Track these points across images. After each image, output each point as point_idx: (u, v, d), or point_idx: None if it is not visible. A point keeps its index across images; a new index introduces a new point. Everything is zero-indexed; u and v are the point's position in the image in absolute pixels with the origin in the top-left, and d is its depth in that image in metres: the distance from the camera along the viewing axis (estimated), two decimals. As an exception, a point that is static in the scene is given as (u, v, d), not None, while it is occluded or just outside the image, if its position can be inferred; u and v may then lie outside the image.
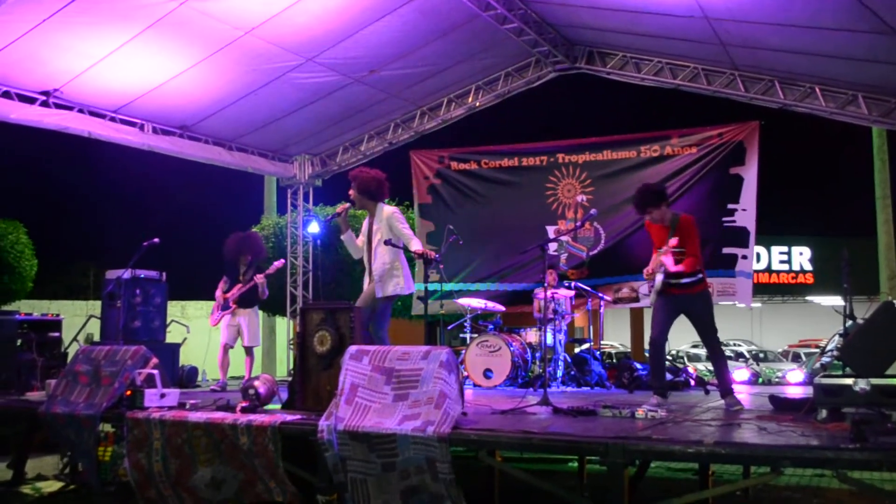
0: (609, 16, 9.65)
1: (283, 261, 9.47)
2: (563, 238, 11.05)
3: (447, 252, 9.97)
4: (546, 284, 8.08)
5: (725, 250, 10.44)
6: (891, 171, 17.03)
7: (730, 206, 10.45)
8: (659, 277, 6.42)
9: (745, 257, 10.44)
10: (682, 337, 6.45)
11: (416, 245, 6.70)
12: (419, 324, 16.70)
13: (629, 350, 24.00)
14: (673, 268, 6.35)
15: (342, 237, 7.03)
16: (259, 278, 8.90)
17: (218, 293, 9.22)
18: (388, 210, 6.83)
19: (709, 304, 6.44)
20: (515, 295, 11.28)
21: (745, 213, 10.38)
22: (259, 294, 9.01)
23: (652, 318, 6.56)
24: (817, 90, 9.73)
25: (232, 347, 9.12)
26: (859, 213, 20.50)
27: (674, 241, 6.24)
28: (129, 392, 5.96)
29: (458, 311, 10.52)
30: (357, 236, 7.04)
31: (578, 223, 10.62)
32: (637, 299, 10.86)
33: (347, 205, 6.96)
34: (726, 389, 6.41)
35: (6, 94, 9.24)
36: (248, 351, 9.12)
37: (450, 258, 10.66)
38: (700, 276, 6.38)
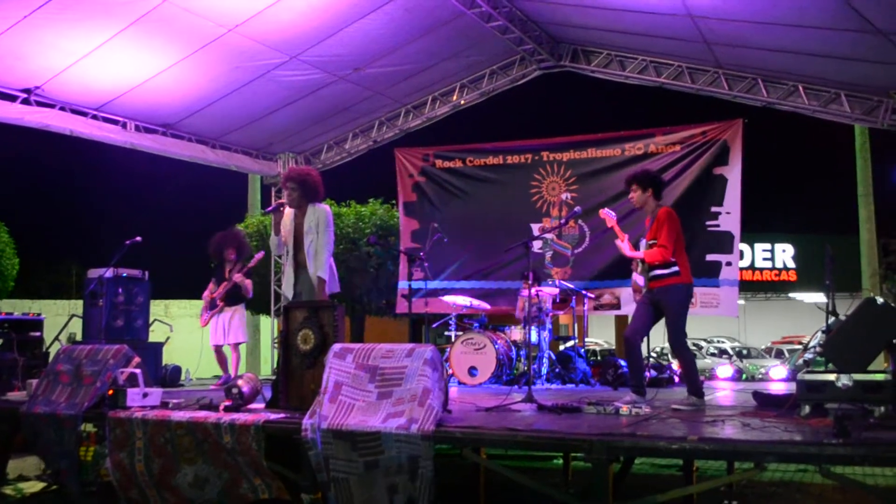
0: (594, 13, 9.67)
1: (262, 253, 9.37)
2: (548, 236, 11.02)
3: (432, 250, 9.96)
4: (530, 282, 8.07)
5: (709, 257, 10.21)
6: (873, 169, 17.13)
7: (713, 209, 10.27)
8: (635, 275, 6.43)
9: (729, 264, 10.22)
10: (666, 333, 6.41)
11: (320, 259, 6.54)
12: (404, 322, 16.67)
13: (613, 347, 24.11)
14: (628, 253, 6.39)
15: (272, 238, 6.89)
16: (237, 277, 8.93)
17: (206, 294, 9.22)
18: (323, 209, 6.71)
19: (679, 299, 6.24)
20: (500, 293, 11.26)
21: (730, 216, 10.20)
22: (243, 292, 9.02)
23: (632, 314, 6.56)
24: (800, 88, 9.79)
25: (221, 346, 9.16)
26: (842, 210, 20.64)
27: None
28: (111, 391, 5.90)
29: (443, 309, 10.51)
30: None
31: (563, 220, 10.61)
32: (618, 306, 10.72)
33: (285, 201, 6.85)
34: (694, 389, 6.20)
35: (-14, 92, 9.17)
36: (234, 347, 9.13)
37: (434, 256, 10.64)
38: (674, 268, 6.21)
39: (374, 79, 10.93)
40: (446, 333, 10.21)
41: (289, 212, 6.80)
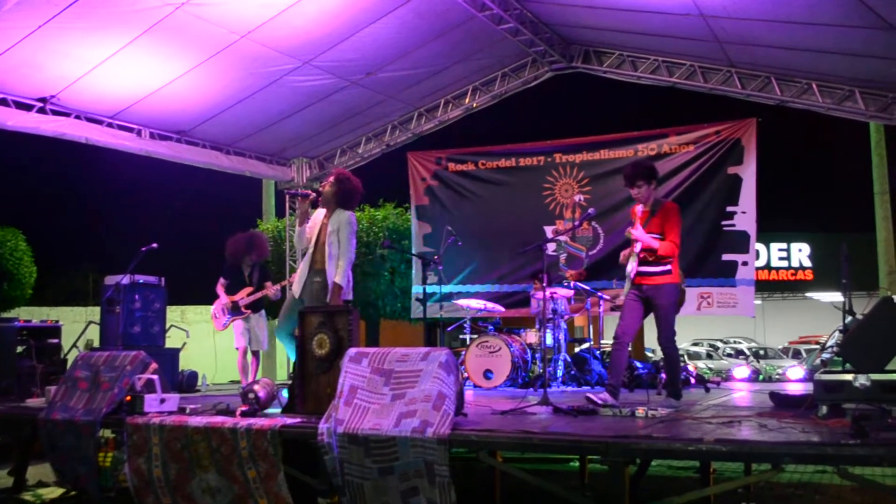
0: (605, 14, 9.66)
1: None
2: (562, 238, 11.02)
3: (446, 254, 9.94)
4: (544, 284, 8.06)
5: (725, 257, 10.23)
6: (889, 167, 17.01)
7: (728, 208, 10.26)
8: (632, 265, 6.28)
9: (745, 263, 10.21)
10: (681, 335, 6.35)
11: (340, 266, 6.49)
12: (419, 326, 16.68)
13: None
14: (638, 233, 6.16)
15: (298, 228, 6.80)
16: (272, 290, 8.90)
17: (223, 296, 9.07)
18: (347, 216, 6.66)
19: (672, 298, 6.19)
20: (515, 296, 11.26)
21: (745, 215, 10.18)
22: (271, 297, 9.05)
23: (621, 311, 6.40)
24: (814, 86, 9.73)
25: (250, 350, 9.11)
26: (858, 208, 20.49)
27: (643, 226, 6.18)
28: (128, 397, 5.94)
29: (457, 312, 10.50)
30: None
31: (576, 222, 10.59)
32: None
33: (314, 195, 6.82)
34: (674, 391, 6.26)
35: (3, 102, 9.25)
36: (256, 354, 9.14)
37: (448, 260, 10.63)
38: (667, 267, 6.15)
39: (387, 83, 10.95)
40: (461, 337, 10.21)
41: (318, 212, 6.79)
